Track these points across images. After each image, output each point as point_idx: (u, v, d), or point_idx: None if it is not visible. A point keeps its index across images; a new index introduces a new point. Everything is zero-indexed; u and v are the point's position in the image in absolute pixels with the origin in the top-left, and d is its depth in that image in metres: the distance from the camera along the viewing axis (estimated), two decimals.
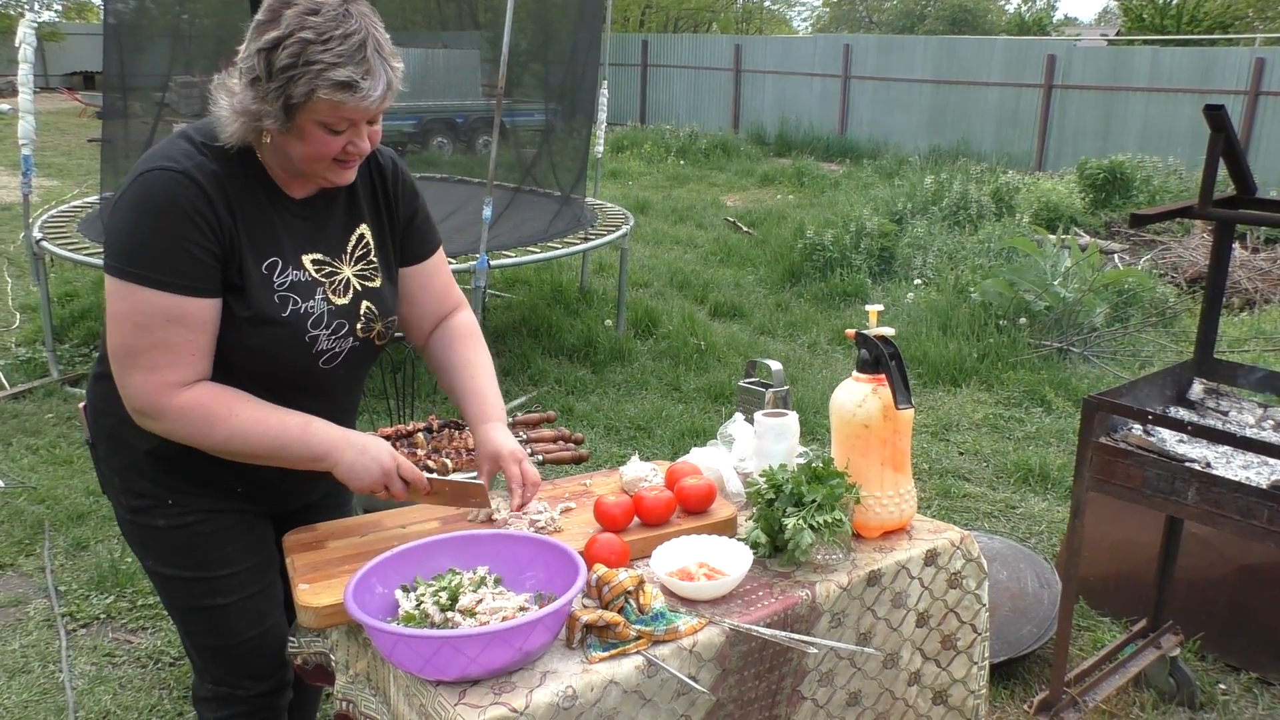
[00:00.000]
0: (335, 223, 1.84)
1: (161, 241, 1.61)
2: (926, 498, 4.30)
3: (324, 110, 1.60)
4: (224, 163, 1.68)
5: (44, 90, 20.66)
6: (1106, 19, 37.04)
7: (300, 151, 1.66)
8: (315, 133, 1.63)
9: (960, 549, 2.01)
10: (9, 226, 9.50)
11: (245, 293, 1.70)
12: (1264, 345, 6.37)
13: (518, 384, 5.60)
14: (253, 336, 1.71)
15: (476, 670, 1.45)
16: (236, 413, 1.68)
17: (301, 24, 1.56)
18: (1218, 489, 2.28)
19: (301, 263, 1.77)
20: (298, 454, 1.73)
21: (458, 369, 2.01)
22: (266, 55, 1.57)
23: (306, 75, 1.56)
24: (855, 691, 1.92)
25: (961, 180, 9.98)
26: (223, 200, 1.66)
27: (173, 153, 1.65)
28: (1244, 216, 2.65)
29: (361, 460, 1.75)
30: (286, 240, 1.76)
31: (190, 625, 1.93)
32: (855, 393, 1.95)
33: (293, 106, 1.59)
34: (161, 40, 6.81)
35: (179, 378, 1.65)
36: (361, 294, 1.85)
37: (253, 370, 1.74)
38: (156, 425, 1.69)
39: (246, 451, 1.71)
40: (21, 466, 4.44)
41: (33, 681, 3.02)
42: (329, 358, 1.81)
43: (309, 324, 1.76)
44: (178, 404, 1.65)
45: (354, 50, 1.57)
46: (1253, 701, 2.99)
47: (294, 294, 1.75)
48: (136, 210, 1.62)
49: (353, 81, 1.57)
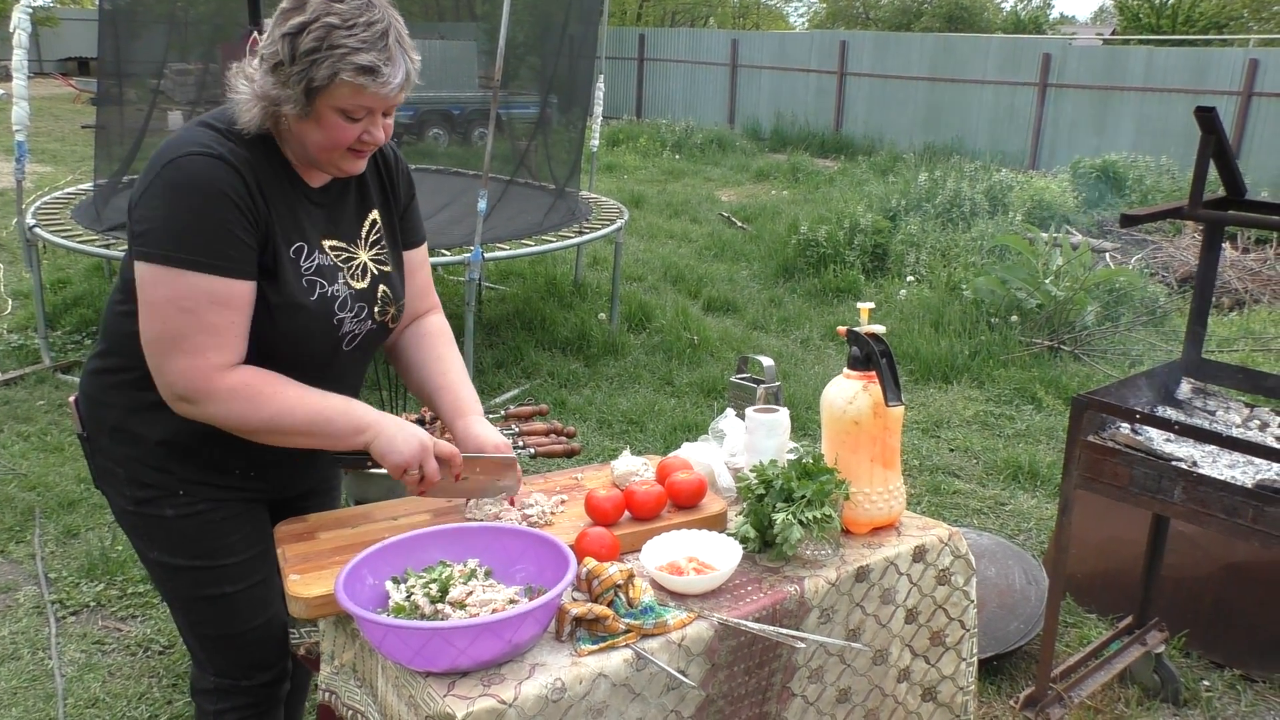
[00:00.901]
0: (349, 209, 1.87)
1: (204, 224, 1.62)
2: (916, 494, 4.32)
3: (344, 95, 1.63)
4: (250, 149, 1.70)
5: (38, 76, 20.55)
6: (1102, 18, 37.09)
7: (317, 138, 1.68)
8: (333, 119, 1.66)
9: (949, 545, 2.02)
10: (2, 213, 9.46)
11: (277, 277, 1.72)
12: (1252, 345, 6.41)
13: (510, 376, 5.60)
14: (283, 320, 1.73)
15: (466, 662, 1.46)
16: (281, 391, 1.71)
17: (327, 9, 1.60)
18: (1204, 488, 2.30)
19: (323, 247, 1.80)
20: (341, 428, 1.75)
21: (428, 364, 2.01)
22: (291, 39, 1.60)
23: (330, 59, 1.59)
24: (845, 688, 1.93)
25: (955, 178, 10.00)
26: (255, 184, 1.68)
27: (202, 139, 1.66)
28: (1233, 218, 2.67)
29: (402, 434, 1.77)
30: (308, 225, 1.79)
31: (196, 615, 1.93)
32: (846, 389, 1.96)
33: (314, 90, 1.62)
34: (157, 27, 6.80)
35: (224, 360, 1.66)
36: (378, 278, 1.88)
37: (280, 353, 1.75)
38: (200, 409, 1.68)
39: (290, 427, 1.72)
40: (12, 453, 4.43)
41: (22, 668, 3.02)
42: (349, 339, 1.84)
43: (335, 306, 1.79)
44: (226, 385, 1.66)
45: (377, 37, 1.61)
46: (1235, 698, 3.02)
47: (320, 278, 1.78)
48: (175, 195, 1.63)
49: (375, 67, 1.61)
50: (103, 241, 5.38)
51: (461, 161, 8.69)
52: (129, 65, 6.48)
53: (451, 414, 1.96)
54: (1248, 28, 24.22)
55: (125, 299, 1.78)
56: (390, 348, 2.06)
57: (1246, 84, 13.05)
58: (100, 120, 6.68)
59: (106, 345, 1.85)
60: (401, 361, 2.05)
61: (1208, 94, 13.02)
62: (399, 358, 2.05)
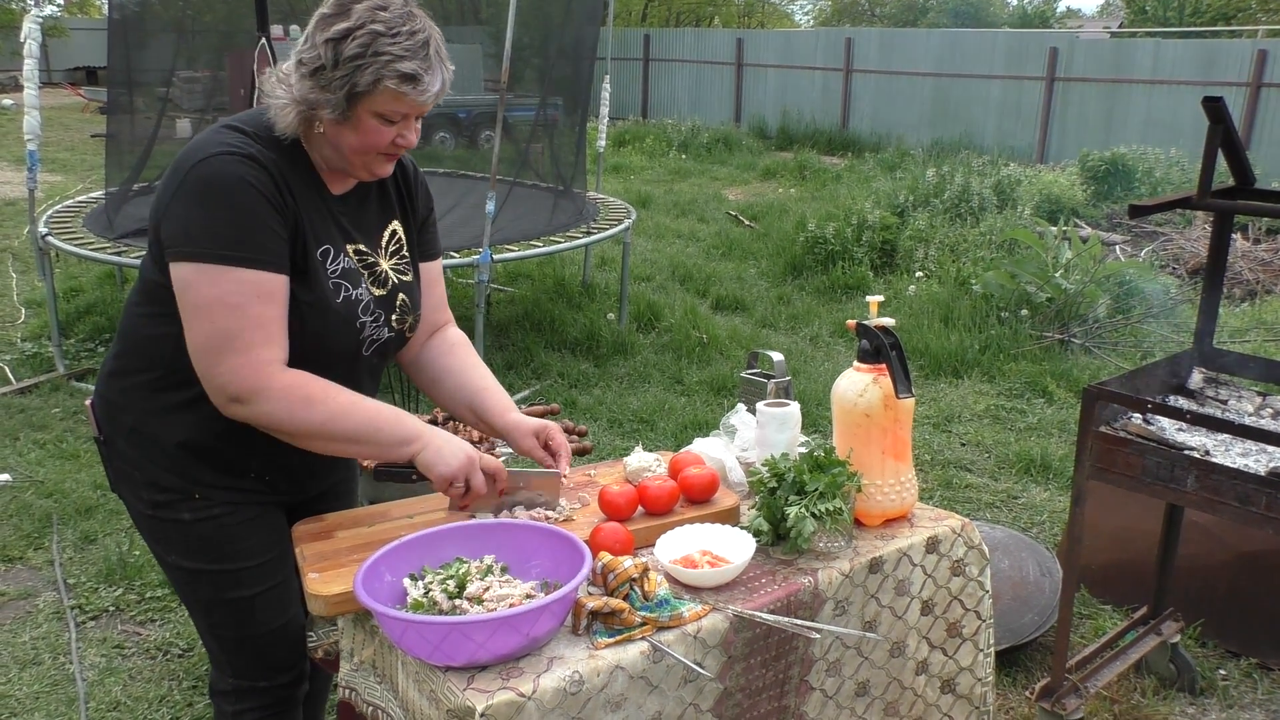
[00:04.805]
0: (370, 217, 1.90)
1: (242, 220, 1.64)
2: (929, 489, 4.32)
3: (384, 101, 1.67)
4: (277, 151, 1.72)
5: (47, 85, 20.67)
6: (1109, 11, 36.97)
7: (353, 142, 1.72)
8: (370, 123, 1.70)
9: (961, 536, 2.03)
10: (14, 222, 9.52)
11: (307, 276, 1.74)
12: (1265, 335, 6.39)
13: (521, 378, 5.62)
14: (312, 319, 1.75)
15: (484, 656, 1.47)
16: (333, 396, 1.72)
17: (372, 17, 1.64)
18: (1217, 476, 2.30)
19: (347, 251, 1.82)
20: (389, 437, 1.76)
21: (466, 371, 2.04)
22: (335, 45, 1.64)
23: (375, 65, 1.64)
24: (864, 681, 1.94)
25: (963, 173, 9.97)
26: (284, 183, 1.70)
27: (229, 140, 1.69)
28: (1242, 207, 2.67)
29: (450, 446, 1.79)
30: (334, 229, 1.81)
31: (215, 619, 1.94)
32: (856, 382, 1.97)
33: (356, 95, 1.66)
34: (165, 36, 6.84)
35: (274, 355, 1.68)
36: (398, 286, 1.90)
37: (305, 353, 1.75)
38: (252, 409, 1.68)
39: (342, 433, 1.73)
40: (29, 461, 4.47)
41: (43, 673, 3.05)
42: (368, 344, 1.86)
43: (359, 310, 1.82)
44: (281, 383, 1.67)
45: (419, 46, 1.67)
46: (1252, 687, 3.01)
47: (345, 281, 1.80)
48: (208, 194, 1.64)
49: (417, 75, 1.66)
50: (114, 249, 5.42)
51: (468, 164, 8.71)
52: (138, 74, 6.52)
53: (501, 410, 2.00)
54: (1256, 18, 24.09)
55: (143, 301, 1.80)
56: (414, 362, 2.06)
57: (1255, 75, 12.99)
58: (110, 129, 6.73)
59: (124, 347, 1.86)
60: (430, 372, 2.06)
61: (1216, 85, 12.96)
62: (426, 369, 2.06)
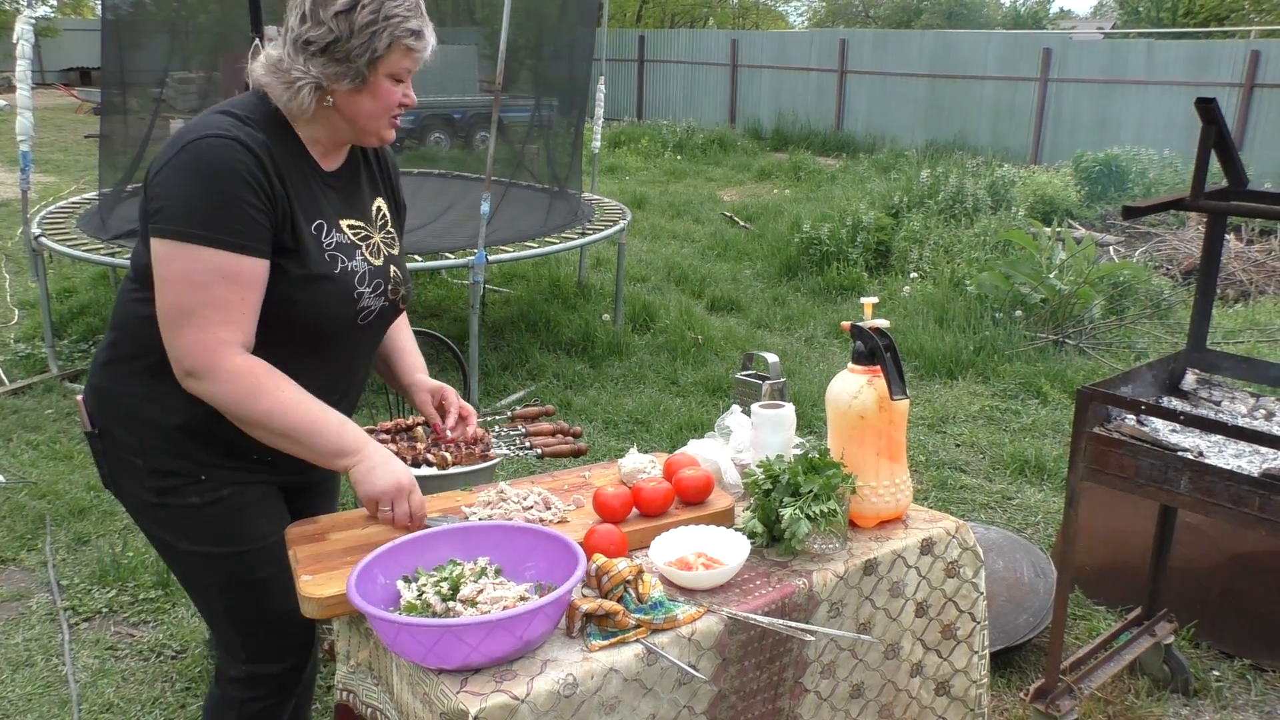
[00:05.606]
0: (361, 193, 1.97)
1: (218, 201, 1.68)
2: (923, 490, 4.32)
3: (396, 60, 1.77)
4: (268, 133, 1.77)
5: (40, 86, 20.61)
6: (1102, 12, 37.06)
7: (370, 107, 1.80)
8: (385, 85, 1.79)
9: (956, 537, 2.03)
10: (7, 223, 9.50)
11: (299, 253, 1.78)
12: (1258, 336, 6.40)
13: (516, 378, 5.62)
14: (306, 293, 1.79)
15: (478, 658, 1.47)
16: (282, 389, 1.75)
17: None
18: (1210, 478, 2.30)
19: (341, 226, 1.88)
20: (327, 444, 1.78)
21: (391, 333, 2.13)
22: (346, 16, 1.72)
23: (388, 28, 1.74)
24: (858, 683, 1.94)
25: (958, 174, 9.99)
26: (272, 166, 1.74)
27: (219, 124, 1.73)
28: (1235, 208, 2.67)
29: (384, 468, 1.81)
30: (326, 206, 1.86)
31: (233, 601, 1.94)
32: (851, 384, 1.97)
33: (375, 60, 1.75)
34: (159, 36, 6.82)
35: (231, 336, 1.71)
36: (390, 259, 1.98)
37: (302, 327, 1.81)
38: (203, 386, 1.72)
39: (279, 428, 1.75)
40: (22, 462, 4.46)
41: (36, 675, 3.04)
42: (365, 314, 1.90)
43: (355, 280, 1.87)
44: (230, 365, 1.71)
45: (415, 5, 1.79)
46: (1246, 688, 3.02)
47: (341, 253, 1.86)
48: (191, 174, 1.69)
49: (421, 30, 1.79)
50: (108, 250, 5.40)
51: (463, 165, 8.71)
52: (132, 75, 6.50)
53: (411, 370, 2.15)
54: (1249, 19, 24.16)
55: (137, 284, 1.82)
56: None
57: (1248, 76, 13.02)
58: (104, 130, 6.70)
59: (118, 334, 1.88)
60: None
61: (1209, 86, 13.00)
62: None
